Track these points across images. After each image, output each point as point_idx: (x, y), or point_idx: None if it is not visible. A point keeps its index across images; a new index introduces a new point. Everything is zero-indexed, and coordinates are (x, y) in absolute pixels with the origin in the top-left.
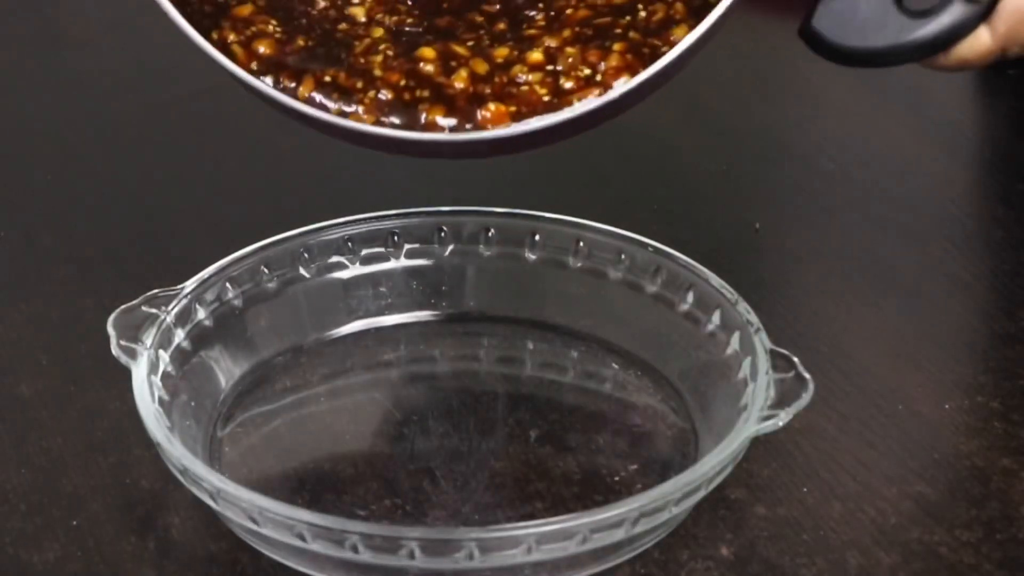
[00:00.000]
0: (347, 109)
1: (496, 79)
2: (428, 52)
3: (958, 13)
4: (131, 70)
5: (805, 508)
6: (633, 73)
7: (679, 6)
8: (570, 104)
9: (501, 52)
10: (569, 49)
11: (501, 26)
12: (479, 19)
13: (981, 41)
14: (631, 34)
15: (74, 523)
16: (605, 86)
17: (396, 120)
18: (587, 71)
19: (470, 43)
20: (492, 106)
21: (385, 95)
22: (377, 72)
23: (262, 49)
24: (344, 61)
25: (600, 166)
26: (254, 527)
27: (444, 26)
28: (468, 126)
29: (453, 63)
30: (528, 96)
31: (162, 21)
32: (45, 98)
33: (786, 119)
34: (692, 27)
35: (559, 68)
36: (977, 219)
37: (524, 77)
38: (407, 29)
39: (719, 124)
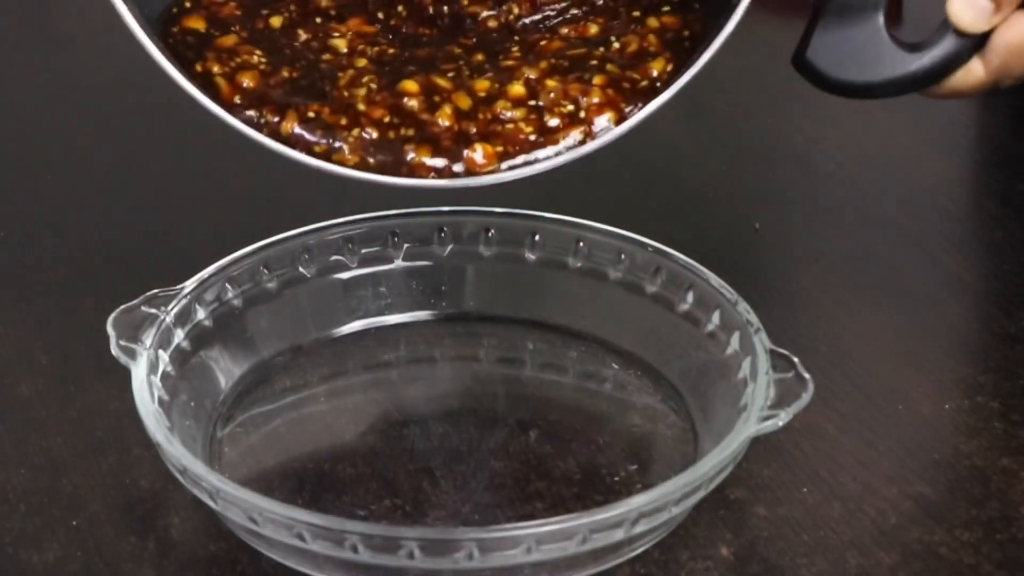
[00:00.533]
0: (335, 145)
1: (480, 115)
2: (411, 86)
3: (951, 46)
4: (131, 70)
5: (805, 508)
6: (615, 108)
7: (652, 38)
8: (555, 143)
9: (482, 85)
10: (550, 82)
11: (479, 57)
12: (457, 51)
13: (974, 74)
14: (608, 66)
15: (74, 523)
16: (588, 123)
17: (381, 159)
18: (570, 107)
19: (451, 74)
20: (479, 148)
21: (370, 134)
22: (361, 107)
23: (246, 82)
24: (328, 95)
25: (600, 166)
26: (254, 527)
27: (424, 56)
28: (457, 168)
29: (436, 98)
30: (514, 135)
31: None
32: (44, 98)
33: (786, 119)
34: (669, 60)
35: (542, 104)
36: (977, 219)
37: (509, 114)
38: (389, 60)
39: (719, 124)
